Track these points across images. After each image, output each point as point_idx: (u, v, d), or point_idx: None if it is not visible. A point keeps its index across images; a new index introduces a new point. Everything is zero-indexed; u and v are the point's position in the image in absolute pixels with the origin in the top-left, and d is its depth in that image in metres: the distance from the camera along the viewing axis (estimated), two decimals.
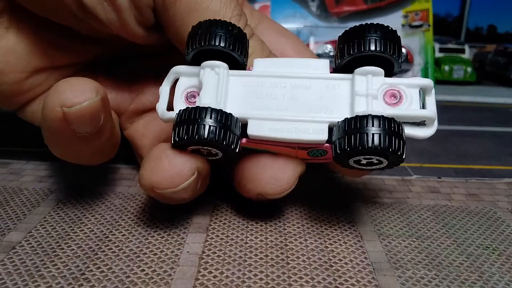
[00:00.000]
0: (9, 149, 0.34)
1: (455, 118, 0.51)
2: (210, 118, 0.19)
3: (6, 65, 0.24)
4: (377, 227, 0.24)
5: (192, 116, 0.19)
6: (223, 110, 0.20)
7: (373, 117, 0.18)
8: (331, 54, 0.66)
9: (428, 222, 0.24)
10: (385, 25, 0.19)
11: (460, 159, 0.35)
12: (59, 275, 0.19)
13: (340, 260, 0.21)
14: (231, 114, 0.20)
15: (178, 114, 0.20)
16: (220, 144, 0.19)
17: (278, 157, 0.22)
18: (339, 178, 0.30)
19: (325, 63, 0.21)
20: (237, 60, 0.21)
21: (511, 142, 0.41)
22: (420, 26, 0.73)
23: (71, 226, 0.23)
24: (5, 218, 0.24)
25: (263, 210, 0.25)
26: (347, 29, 0.20)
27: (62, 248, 0.21)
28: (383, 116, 0.18)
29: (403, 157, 0.19)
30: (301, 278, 0.19)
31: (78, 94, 0.19)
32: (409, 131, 0.20)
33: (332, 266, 0.20)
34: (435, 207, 0.26)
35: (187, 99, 0.21)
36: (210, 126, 0.19)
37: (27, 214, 0.24)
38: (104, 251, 0.21)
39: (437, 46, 0.78)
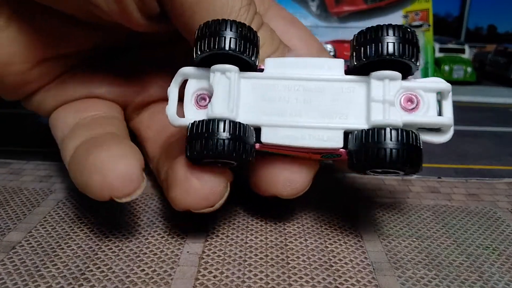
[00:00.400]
0: (9, 149, 0.34)
1: (455, 118, 0.51)
2: (223, 131, 0.19)
3: (10, 56, 0.24)
4: (377, 227, 0.24)
5: (204, 131, 0.19)
6: (236, 121, 0.19)
7: (391, 130, 0.18)
8: (331, 53, 0.66)
9: (428, 222, 0.24)
10: (404, 26, 0.19)
11: (460, 159, 0.35)
12: (59, 275, 0.19)
13: (340, 260, 0.21)
14: (244, 124, 0.19)
15: (190, 127, 0.19)
16: (235, 157, 0.19)
17: (293, 159, 0.21)
18: (339, 178, 0.30)
19: (339, 63, 0.20)
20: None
21: (511, 142, 0.41)
22: (420, 26, 0.73)
23: (71, 226, 0.23)
24: (5, 218, 0.24)
25: (263, 210, 0.25)
26: (364, 29, 0.19)
27: (62, 248, 0.21)
28: (401, 129, 0.18)
29: (420, 169, 0.19)
30: (301, 278, 0.19)
31: (127, 185, 0.19)
32: (424, 136, 0.20)
33: (332, 266, 0.20)
34: (435, 207, 0.26)
35: (197, 103, 0.20)
36: (223, 140, 0.18)
37: (27, 214, 0.24)
38: (104, 251, 0.21)
39: (437, 46, 0.78)
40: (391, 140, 0.18)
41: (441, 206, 0.27)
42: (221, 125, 0.19)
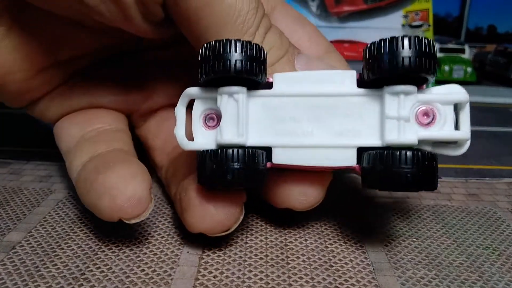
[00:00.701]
0: (9, 149, 0.34)
1: None
2: (233, 161, 0.18)
3: (11, 64, 0.24)
4: (377, 227, 0.24)
5: (213, 161, 0.18)
6: (246, 147, 0.19)
7: (406, 153, 0.17)
8: None
9: (428, 222, 0.24)
10: (420, 37, 0.18)
11: (460, 159, 0.35)
12: (59, 275, 0.19)
13: (340, 260, 0.21)
14: (254, 150, 0.19)
15: (199, 157, 0.19)
16: (246, 184, 0.19)
17: (306, 173, 0.21)
18: (339, 179, 0.30)
19: (351, 76, 0.19)
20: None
21: (511, 142, 0.41)
22: (420, 26, 0.73)
23: (71, 226, 0.23)
24: (5, 218, 0.24)
25: (263, 210, 0.25)
26: (377, 40, 0.18)
27: (62, 248, 0.21)
28: (417, 150, 0.18)
29: (435, 188, 0.18)
30: (301, 278, 0.19)
31: (137, 207, 0.19)
32: (439, 149, 0.19)
33: (332, 266, 0.20)
34: (435, 207, 0.26)
35: (205, 123, 0.20)
36: (233, 170, 0.18)
37: (27, 214, 0.24)
38: (104, 251, 0.21)
39: (437, 46, 0.78)
40: (406, 163, 0.17)
41: (441, 206, 0.27)
42: (230, 154, 0.18)
